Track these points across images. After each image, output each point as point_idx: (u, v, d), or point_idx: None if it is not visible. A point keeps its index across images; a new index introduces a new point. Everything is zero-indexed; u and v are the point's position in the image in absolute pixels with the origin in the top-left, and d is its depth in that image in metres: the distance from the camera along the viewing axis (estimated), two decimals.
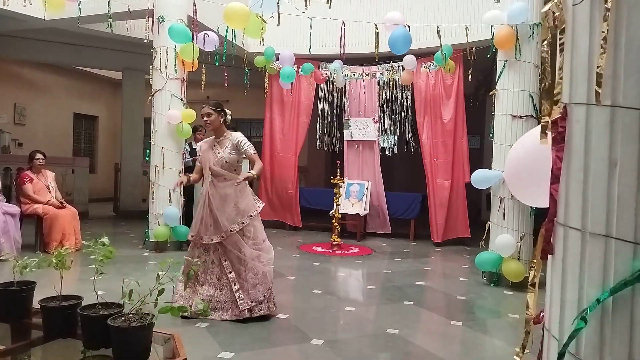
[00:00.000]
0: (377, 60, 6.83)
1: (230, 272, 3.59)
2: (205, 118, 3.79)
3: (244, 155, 3.77)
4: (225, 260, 3.62)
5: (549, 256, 1.31)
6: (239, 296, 3.54)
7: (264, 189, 8.64)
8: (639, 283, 1.06)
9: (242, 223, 3.62)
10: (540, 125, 1.34)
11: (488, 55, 5.50)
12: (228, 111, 3.91)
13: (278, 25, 5.45)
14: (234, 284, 3.57)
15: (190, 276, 1.80)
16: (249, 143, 3.78)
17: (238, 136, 3.78)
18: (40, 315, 1.91)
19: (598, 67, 1.11)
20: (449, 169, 7.40)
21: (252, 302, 3.55)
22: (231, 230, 3.59)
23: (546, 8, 1.50)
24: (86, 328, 1.76)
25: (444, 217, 7.42)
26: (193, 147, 7.12)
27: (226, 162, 3.72)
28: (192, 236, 3.75)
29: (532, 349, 1.49)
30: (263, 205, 3.87)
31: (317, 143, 8.55)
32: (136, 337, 1.64)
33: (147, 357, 1.67)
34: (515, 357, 1.53)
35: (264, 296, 3.59)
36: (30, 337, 1.98)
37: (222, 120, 3.82)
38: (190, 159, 6.88)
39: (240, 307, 3.52)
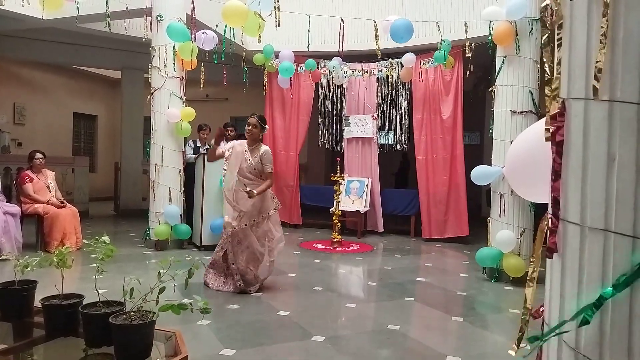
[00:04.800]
0: (378, 56, 6.83)
1: (233, 263, 4.23)
2: (250, 127, 4.26)
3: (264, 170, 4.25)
4: (236, 244, 4.23)
5: None
6: (236, 276, 4.25)
7: None
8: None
9: (254, 221, 4.19)
10: (544, 120, 1.34)
11: (489, 52, 5.49)
12: (266, 127, 4.55)
13: (279, 25, 5.46)
14: (236, 268, 4.24)
15: (190, 275, 1.81)
16: (270, 160, 4.31)
17: (267, 150, 4.30)
18: (42, 314, 1.92)
19: (597, 62, 1.11)
20: (448, 166, 7.39)
21: (245, 283, 4.23)
22: (245, 225, 4.16)
23: (545, 3, 1.50)
24: (88, 326, 1.77)
25: (442, 213, 7.41)
26: (197, 144, 7.14)
27: (255, 169, 4.23)
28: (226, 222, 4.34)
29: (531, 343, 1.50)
30: (280, 206, 4.43)
31: (319, 140, 8.55)
32: (138, 335, 1.65)
33: (149, 355, 1.68)
34: (510, 351, 1.54)
35: (261, 279, 4.32)
36: (32, 335, 1.99)
37: (261, 134, 4.35)
38: (193, 155, 6.88)
39: (237, 284, 4.23)
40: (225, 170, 4.37)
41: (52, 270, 1.95)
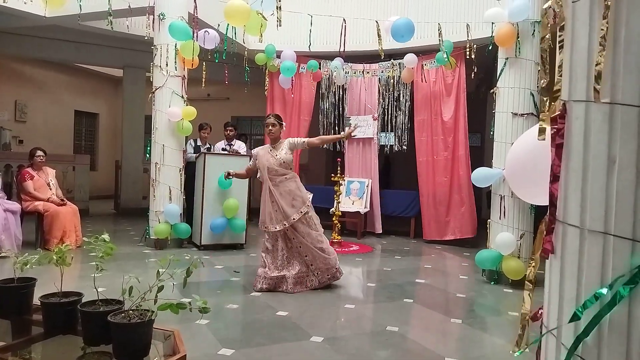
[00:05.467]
0: (382, 57, 6.81)
1: (305, 256, 4.32)
2: (270, 128, 4.42)
3: (305, 146, 4.49)
4: (297, 245, 4.32)
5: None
6: (314, 272, 4.36)
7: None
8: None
9: (302, 212, 4.28)
10: (539, 123, 1.34)
11: (487, 53, 5.49)
12: (284, 124, 4.67)
13: (281, 25, 5.45)
14: (311, 264, 4.33)
15: (189, 274, 1.81)
16: (300, 138, 4.56)
17: (291, 139, 4.51)
18: (41, 312, 1.92)
19: (597, 64, 1.11)
20: (449, 167, 7.38)
21: (327, 275, 4.40)
22: (293, 218, 4.24)
23: (546, 5, 1.50)
24: (86, 324, 1.77)
25: (443, 215, 7.39)
26: (198, 144, 7.14)
27: (284, 161, 4.36)
28: (264, 227, 4.36)
29: (530, 345, 1.50)
30: (312, 194, 4.61)
31: None
32: (136, 334, 1.65)
33: (147, 354, 1.68)
34: (511, 351, 1.54)
35: (335, 268, 4.42)
36: (31, 333, 1.99)
37: (281, 132, 4.49)
38: (194, 154, 6.87)
39: (319, 281, 4.37)
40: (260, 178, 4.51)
41: (51, 268, 1.95)
